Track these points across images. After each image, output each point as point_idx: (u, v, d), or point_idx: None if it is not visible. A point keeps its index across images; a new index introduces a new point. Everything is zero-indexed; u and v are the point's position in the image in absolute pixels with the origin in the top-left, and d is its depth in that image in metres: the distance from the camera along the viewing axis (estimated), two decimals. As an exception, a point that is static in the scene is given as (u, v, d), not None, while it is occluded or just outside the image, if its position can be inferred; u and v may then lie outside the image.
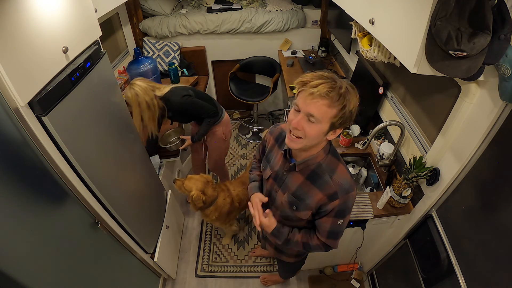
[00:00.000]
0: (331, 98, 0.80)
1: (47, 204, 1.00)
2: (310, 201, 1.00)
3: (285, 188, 1.07)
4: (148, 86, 1.78)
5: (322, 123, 0.84)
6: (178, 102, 1.86)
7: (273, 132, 1.16)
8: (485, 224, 1.09)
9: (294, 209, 1.05)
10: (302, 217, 1.06)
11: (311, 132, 0.85)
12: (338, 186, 0.96)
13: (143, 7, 2.82)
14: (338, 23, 2.49)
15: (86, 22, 1.21)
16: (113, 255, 1.43)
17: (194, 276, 2.19)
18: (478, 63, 0.80)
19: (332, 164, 0.99)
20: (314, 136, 0.87)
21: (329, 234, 1.05)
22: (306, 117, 0.84)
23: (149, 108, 1.78)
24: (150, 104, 1.77)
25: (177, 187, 1.90)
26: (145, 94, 1.74)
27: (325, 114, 0.82)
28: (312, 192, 0.99)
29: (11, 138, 0.84)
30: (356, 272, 2.10)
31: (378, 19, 1.19)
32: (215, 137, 2.14)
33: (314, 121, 0.83)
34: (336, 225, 1.03)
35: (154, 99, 1.80)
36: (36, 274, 0.92)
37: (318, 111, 0.81)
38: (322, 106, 0.81)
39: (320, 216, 1.03)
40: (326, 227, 1.04)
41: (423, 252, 1.40)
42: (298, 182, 1.02)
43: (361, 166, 1.97)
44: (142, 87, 1.75)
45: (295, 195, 1.03)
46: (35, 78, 0.92)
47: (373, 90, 1.88)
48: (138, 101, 1.74)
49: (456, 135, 1.21)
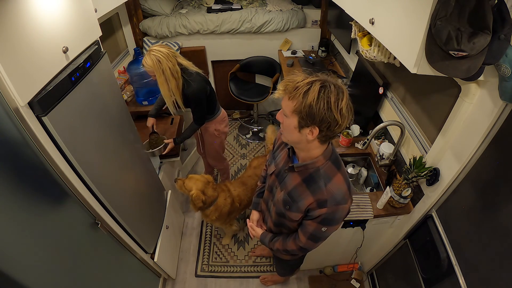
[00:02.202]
0: (289, 92, 0.86)
1: (47, 204, 1.00)
2: (301, 203, 1.01)
3: (283, 186, 1.09)
4: (170, 52, 1.62)
5: (289, 117, 0.89)
6: (195, 90, 1.73)
7: None
8: (485, 224, 1.09)
9: (287, 208, 1.07)
10: (292, 218, 1.08)
11: (284, 125, 0.93)
12: (330, 195, 0.96)
13: (143, 7, 2.82)
14: (338, 23, 2.49)
15: (86, 22, 1.21)
16: (113, 255, 1.43)
17: (194, 276, 2.19)
18: (478, 63, 0.80)
19: (330, 171, 0.98)
20: (287, 130, 0.93)
21: (310, 236, 1.06)
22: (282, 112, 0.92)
23: (173, 75, 1.64)
24: (173, 71, 1.63)
25: (178, 186, 1.90)
26: (167, 60, 1.59)
27: (287, 107, 0.88)
28: (305, 195, 1.00)
29: (11, 138, 0.84)
30: (356, 272, 2.10)
31: (378, 19, 1.19)
32: (207, 133, 2.13)
33: (285, 115, 0.91)
34: (319, 231, 1.03)
35: (177, 66, 1.66)
36: (36, 274, 0.92)
37: (284, 105, 0.90)
38: (285, 100, 0.89)
39: (307, 218, 1.05)
40: (309, 229, 1.05)
41: (423, 252, 1.40)
42: (295, 183, 1.03)
43: (361, 166, 1.97)
44: (163, 52, 1.59)
45: (290, 195, 1.05)
46: (35, 78, 0.92)
47: (373, 90, 1.88)
48: (161, 68, 1.58)
49: (456, 135, 1.21)
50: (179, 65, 1.70)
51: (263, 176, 1.43)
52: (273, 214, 1.20)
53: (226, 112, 2.17)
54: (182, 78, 1.72)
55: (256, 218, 1.39)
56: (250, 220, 1.40)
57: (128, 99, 2.41)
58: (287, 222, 1.14)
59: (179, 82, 1.70)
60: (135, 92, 2.42)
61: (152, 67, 1.59)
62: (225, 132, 2.20)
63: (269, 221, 1.28)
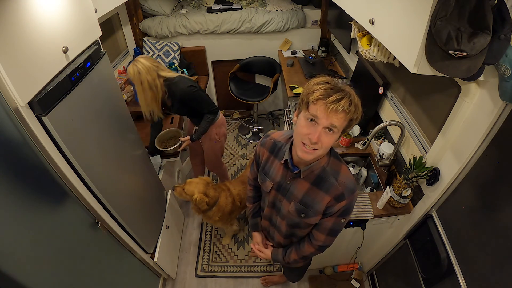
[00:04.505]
0: (350, 112, 0.83)
1: (47, 204, 1.00)
2: (318, 206, 1.00)
3: (290, 197, 1.06)
4: (152, 65, 1.69)
5: (339, 132, 0.87)
6: (183, 90, 1.77)
7: (265, 144, 1.13)
8: (485, 224, 1.09)
9: (302, 216, 1.05)
10: (311, 223, 1.07)
11: (328, 142, 0.87)
12: (344, 187, 0.97)
13: (143, 7, 2.82)
14: (338, 23, 2.49)
15: (86, 22, 1.21)
16: (113, 255, 1.43)
17: (194, 276, 2.19)
18: (478, 63, 0.80)
19: (335, 166, 1.00)
20: (329, 146, 0.90)
21: (330, 231, 1.06)
22: (325, 129, 0.85)
23: (151, 88, 1.70)
24: (152, 85, 1.69)
25: (177, 194, 1.88)
26: (147, 73, 1.66)
27: (343, 124, 0.85)
28: (320, 197, 0.99)
29: (11, 138, 0.84)
30: (356, 272, 2.10)
31: (378, 19, 1.19)
32: (207, 137, 2.11)
33: (334, 132, 0.85)
34: (338, 223, 1.04)
35: (157, 80, 1.71)
36: (36, 274, 0.92)
37: (340, 123, 0.84)
38: (342, 119, 0.83)
39: (325, 216, 1.04)
40: (328, 225, 1.05)
41: (423, 252, 1.40)
42: (304, 189, 1.02)
43: (361, 166, 1.97)
44: (145, 65, 1.66)
45: (303, 202, 1.03)
46: (35, 78, 0.92)
47: (373, 90, 1.88)
48: (140, 79, 1.66)
49: (456, 135, 1.21)
50: (161, 78, 1.75)
51: (251, 197, 1.36)
52: (283, 227, 1.16)
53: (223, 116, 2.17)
54: (167, 87, 1.78)
55: (260, 239, 1.35)
56: (254, 243, 1.37)
57: (128, 99, 2.41)
58: (299, 231, 1.14)
59: (158, 95, 1.76)
60: (135, 92, 2.42)
61: (132, 76, 1.67)
62: (225, 134, 2.20)
63: (276, 236, 1.24)
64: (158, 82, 1.73)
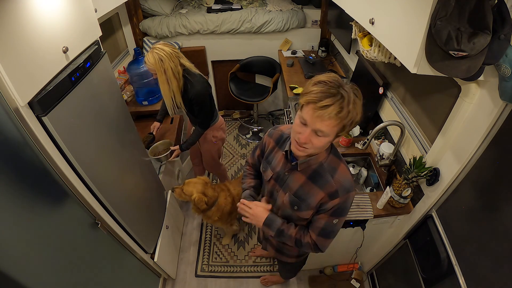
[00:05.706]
0: (340, 118, 0.80)
1: (47, 204, 1.00)
2: (311, 200, 1.01)
3: (286, 188, 1.07)
4: (173, 52, 1.57)
5: (330, 136, 0.86)
6: (199, 92, 1.69)
7: (272, 134, 1.15)
8: (485, 224, 1.09)
9: (295, 209, 1.06)
10: (303, 216, 1.07)
11: (319, 143, 0.87)
12: (339, 184, 0.97)
13: (143, 7, 2.82)
14: (338, 23, 2.49)
15: (86, 22, 1.21)
16: (113, 255, 1.43)
17: (194, 276, 2.19)
18: (478, 63, 0.80)
19: (334, 163, 1.00)
20: (321, 146, 0.90)
21: (321, 231, 1.05)
22: (314, 132, 0.85)
23: (175, 76, 1.59)
24: (175, 72, 1.58)
25: (177, 195, 1.88)
26: (170, 60, 1.54)
27: (333, 129, 0.84)
28: (314, 191, 1.00)
29: (11, 138, 0.84)
30: (356, 272, 2.10)
31: (378, 19, 1.19)
32: (204, 140, 2.10)
33: (322, 135, 0.85)
34: (330, 223, 1.03)
35: (179, 67, 1.61)
36: (36, 274, 0.92)
37: (327, 128, 0.83)
38: (330, 125, 0.82)
39: (319, 213, 1.04)
40: (320, 224, 1.04)
41: (423, 252, 1.40)
42: (299, 182, 1.03)
43: (361, 166, 1.97)
44: (166, 51, 1.54)
45: (297, 195, 1.04)
46: (35, 78, 0.92)
47: (373, 90, 1.88)
48: (163, 67, 1.54)
49: (456, 135, 1.21)
50: (182, 66, 1.67)
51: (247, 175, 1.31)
52: None
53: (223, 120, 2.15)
54: (185, 79, 1.69)
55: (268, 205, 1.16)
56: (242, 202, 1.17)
57: (128, 99, 2.41)
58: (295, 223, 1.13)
59: (180, 83, 1.66)
60: (135, 92, 2.42)
61: (154, 65, 1.56)
62: (222, 138, 2.17)
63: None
64: (180, 69, 1.62)
